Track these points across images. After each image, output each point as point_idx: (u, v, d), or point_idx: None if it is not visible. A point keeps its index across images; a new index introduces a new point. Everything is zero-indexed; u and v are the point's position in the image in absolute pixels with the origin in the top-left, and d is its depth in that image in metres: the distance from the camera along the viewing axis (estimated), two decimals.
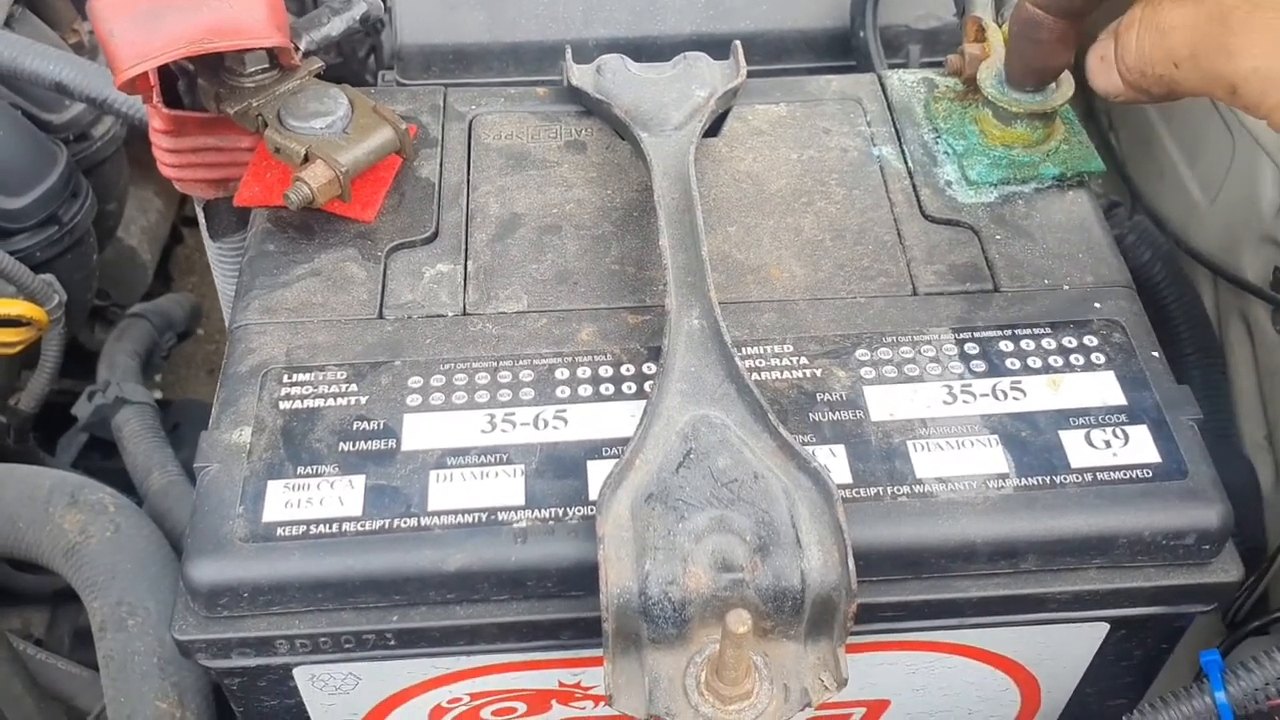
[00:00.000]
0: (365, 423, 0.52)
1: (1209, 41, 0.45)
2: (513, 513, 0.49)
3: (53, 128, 0.99)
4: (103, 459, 1.14)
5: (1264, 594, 0.74)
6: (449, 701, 0.55)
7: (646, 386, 0.54)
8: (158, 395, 1.14)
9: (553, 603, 0.50)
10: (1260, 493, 0.81)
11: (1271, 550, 0.75)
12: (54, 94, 0.90)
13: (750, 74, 0.66)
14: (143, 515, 0.88)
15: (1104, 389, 0.53)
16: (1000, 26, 0.65)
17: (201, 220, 0.70)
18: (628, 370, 0.54)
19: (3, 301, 0.90)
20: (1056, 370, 0.54)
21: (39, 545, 0.85)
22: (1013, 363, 0.55)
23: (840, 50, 0.82)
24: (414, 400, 0.53)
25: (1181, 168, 0.90)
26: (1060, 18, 0.55)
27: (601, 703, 0.56)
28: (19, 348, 0.93)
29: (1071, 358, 0.55)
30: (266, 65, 0.59)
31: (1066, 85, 0.61)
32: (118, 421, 1.05)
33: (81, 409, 1.07)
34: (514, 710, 0.56)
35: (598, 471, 0.50)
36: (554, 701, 0.56)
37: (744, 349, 0.55)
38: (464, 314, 0.57)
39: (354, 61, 0.99)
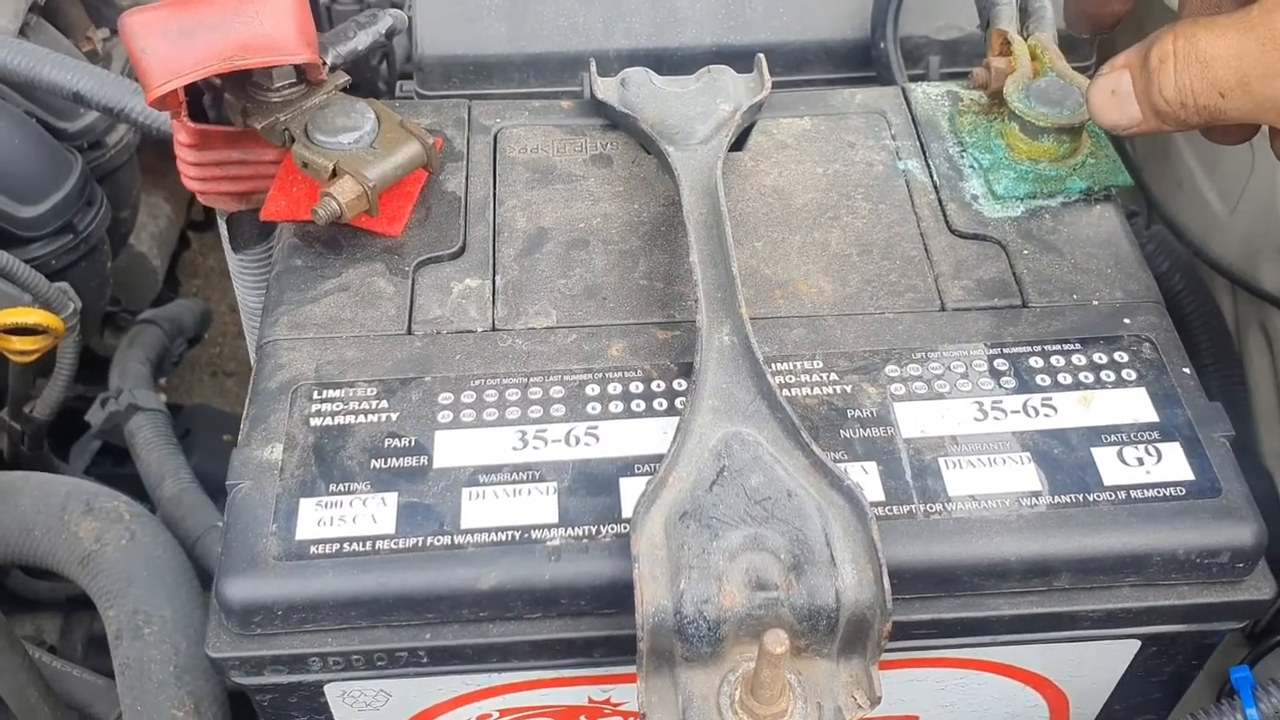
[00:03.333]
0: (396, 440, 0.52)
1: (1262, 68, 0.45)
2: (546, 530, 0.49)
3: (67, 136, 0.99)
4: (114, 465, 1.15)
5: None
6: (479, 717, 0.55)
7: (677, 403, 0.54)
8: (163, 398, 1.14)
9: (585, 620, 0.50)
10: None
11: None
12: (68, 102, 0.90)
13: (772, 85, 0.66)
14: (158, 523, 0.88)
15: (1136, 406, 0.53)
16: (1025, 39, 0.65)
17: (224, 232, 0.70)
18: (658, 386, 0.54)
19: (19, 310, 0.90)
20: (1087, 387, 0.54)
21: (54, 553, 0.85)
22: (1043, 379, 0.55)
23: (860, 61, 0.82)
24: (445, 417, 0.53)
25: (1200, 177, 0.90)
26: None
27: (631, 718, 0.56)
28: (35, 356, 0.93)
29: (1102, 374, 0.55)
30: (293, 80, 0.59)
31: None
32: (130, 428, 1.06)
33: (95, 416, 1.07)
34: None
35: (630, 488, 0.50)
36: (583, 717, 0.56)
37: (774, 365, 0.55)
38: (493, 329, 0.57)
39: (366, 69, 0.99)
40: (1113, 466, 0.51)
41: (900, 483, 0.51)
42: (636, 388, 0.54)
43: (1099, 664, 0.55)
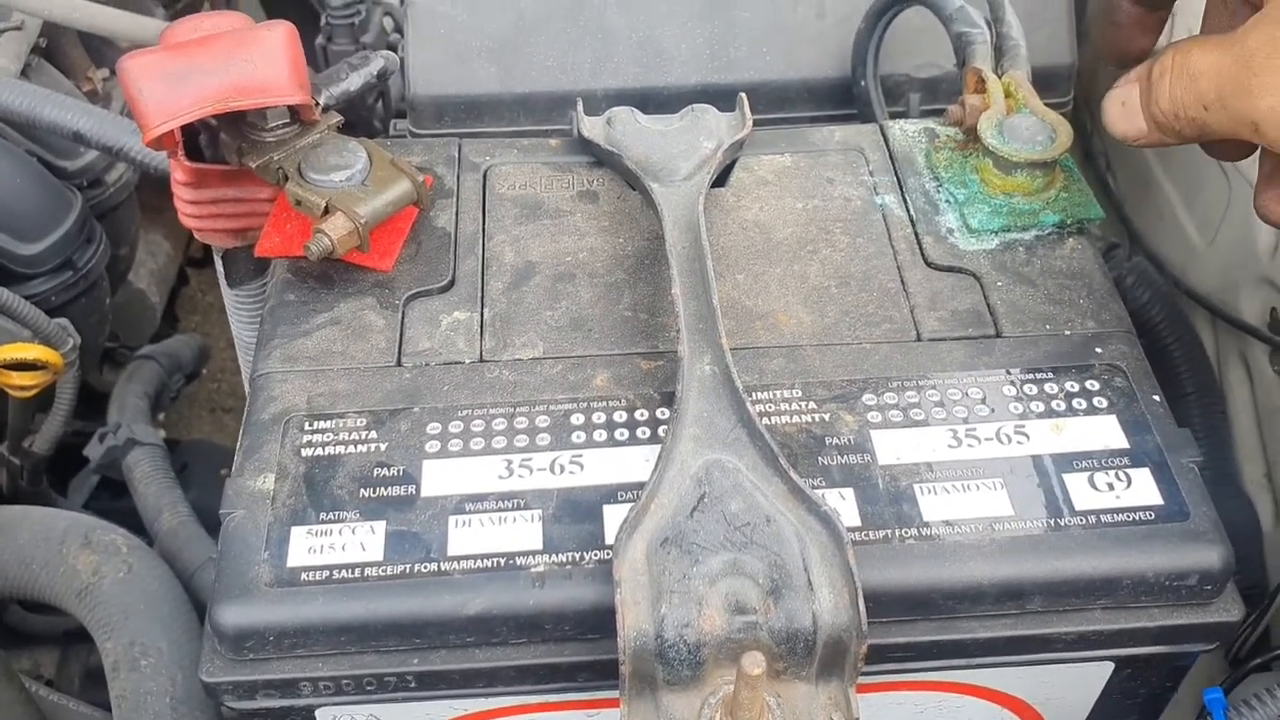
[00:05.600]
0: (385, 469, 0.54)
1: (1234, 84, 0.48)
2: (530, 557, 0.50)
3: (67, 174, 1.01)
4: (112, 499, 1.16)
5: (1265, 631, 0.75)
6: None
7: (660, 431, 0.55)
8: (161, 434, 1.15)
9: (569, 645, 0.51)
10: (1260, 531, 0.82)
11: (1272, 588, 0.76)
12: (68, 141, 0.92)
13: (755, 123, 0.68)
14: (155, 556, 0.89)
15: (1106, 433, 0.55)
16: (1000, 77, 0.67)
17: (220, 269, 0.71)
18: (641, 415, 0.56)
19: (18, 346, 0.91)
20: (1059, 414, 0.55)
21: (52, 586, 0.86)
22: (1016, 407, 0.56)
23: (842, 99, 0.84)
24: (433, 446, 0.54)
25: (1179, 210, 0.92)
26: (1137, 4, 0.58)
27: None
28: (34, 391, 0.94)
29: (1074, 402, 0.56)
30: (287, 120, 0.61)
31: (1065, 135, 0.63)
32: (128, 463, 1.06)
33: (93, 450, 1.08)
34: None
35: (613, 516, 0.52)
36: None
37: (754, 394, 0.56)
38: (481, 361, 0.58)
39: (361, 108, 1.01)
40: (1084, 492, 0.53)
41: (876, 508, 0.52)
42: (620, 417, 0.56)
43: (1074, 686, 0.55)
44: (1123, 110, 0.54)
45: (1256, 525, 0.82)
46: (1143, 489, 0.53)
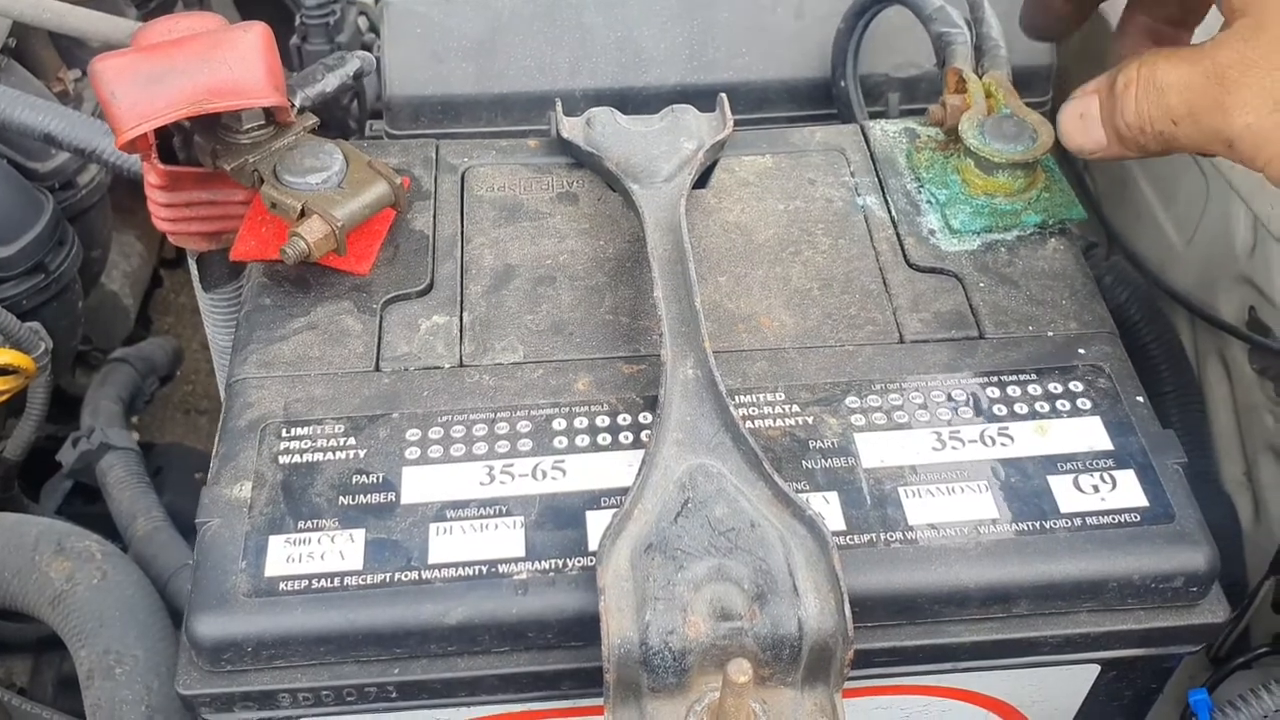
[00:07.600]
0: (364, 476, 0.53)
1: (1206, 100, 0.47)
2: (513, 564, 0.50)
3: (39, 176, 1.00)
4: (85, 504, 1.14)
5: (1245, 630, 0.75)
6: None
7: (643, 436, 0.54)
8: (135, 437, 1.14)
9: (553, 653, 0.50)
10: (1240, 530, 0.82)
11: (1252, 586, 0.76)
12: (39, 143, 0.91)
13: (734, 124, 0.67)
14: (130, 562, 0.88)
15: (1090, 434, 0.55)
16: (980, 78, 0.67)
17: (194, 272, 0.70)
18: (624, 420, 0.55)
19: None
20: (1043, 416, 0.55)
21: (25, 594, 0.85)
22: (999, 409, 0.56)
23: (821, 99, 0.84)
24: (412, 453, 0.54)
25: (1157, 209, 0.92)
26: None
27: None
28: (6, 396, 0.93)
29: (1058, 403, 0.56)
30: (262, 122, 0.60)
31: (1046, 136, 0.63)
32: (102, 467, 1.05)
33: (66, 455, 1.07)
34: None
35: (596, 522, 0.51)
36: None
37: (737, 397, 0.56)
38: (460, 365, 0.58)
39: (335, 108, 1.00)
40: (1069, 494, 0.52)
41: (861, 512, 0.52)
42: (603, 421, 0.55)
43: (1060, 689, 0.55)
44: (1081, 123, 0.54)
45: (1236, 524, 0.83)
46: (1127, 491, 0.52)
